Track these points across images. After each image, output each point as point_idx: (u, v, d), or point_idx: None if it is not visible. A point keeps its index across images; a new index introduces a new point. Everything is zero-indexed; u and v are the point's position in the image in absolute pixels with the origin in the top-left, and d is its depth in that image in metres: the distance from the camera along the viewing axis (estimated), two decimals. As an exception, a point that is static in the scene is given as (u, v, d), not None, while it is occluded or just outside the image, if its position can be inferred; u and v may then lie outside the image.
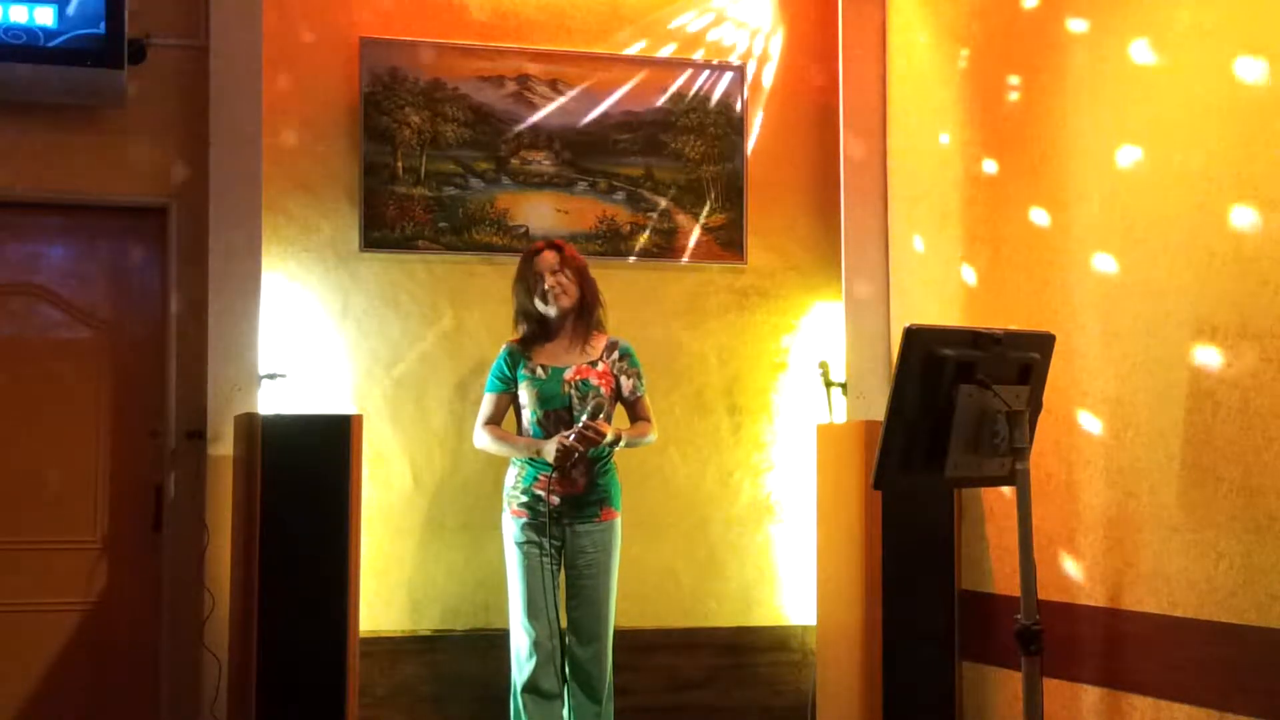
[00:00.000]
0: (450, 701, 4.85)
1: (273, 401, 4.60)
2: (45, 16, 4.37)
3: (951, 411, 3.01)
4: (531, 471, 4.25)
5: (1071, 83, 4.21)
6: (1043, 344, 3.26)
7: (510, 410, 4.37)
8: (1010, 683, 4.42)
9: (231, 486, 4.51)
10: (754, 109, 5.28)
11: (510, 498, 4.30)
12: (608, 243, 5.10)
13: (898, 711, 4.49)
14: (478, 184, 5.00)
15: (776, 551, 5.19)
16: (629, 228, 5.13)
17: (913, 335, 3.00)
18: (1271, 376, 3.47)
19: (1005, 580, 4.50)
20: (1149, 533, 3.85)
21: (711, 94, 5.22)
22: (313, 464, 4.16)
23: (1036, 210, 4.36)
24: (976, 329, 3.16)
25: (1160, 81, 3.86)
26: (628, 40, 5.17)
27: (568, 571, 4.27)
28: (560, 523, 4.23)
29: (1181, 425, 3.73)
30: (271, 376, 4.62)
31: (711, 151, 5.22)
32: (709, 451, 5.17)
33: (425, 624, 4.88)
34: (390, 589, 4.85)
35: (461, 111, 4.99)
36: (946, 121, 4.84)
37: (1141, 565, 3.88)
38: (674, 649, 5.04)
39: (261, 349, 4.63)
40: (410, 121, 4.94)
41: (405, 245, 4.93)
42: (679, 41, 5.23)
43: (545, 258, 4.33)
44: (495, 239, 5.00)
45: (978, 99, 4.69)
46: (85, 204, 4.67)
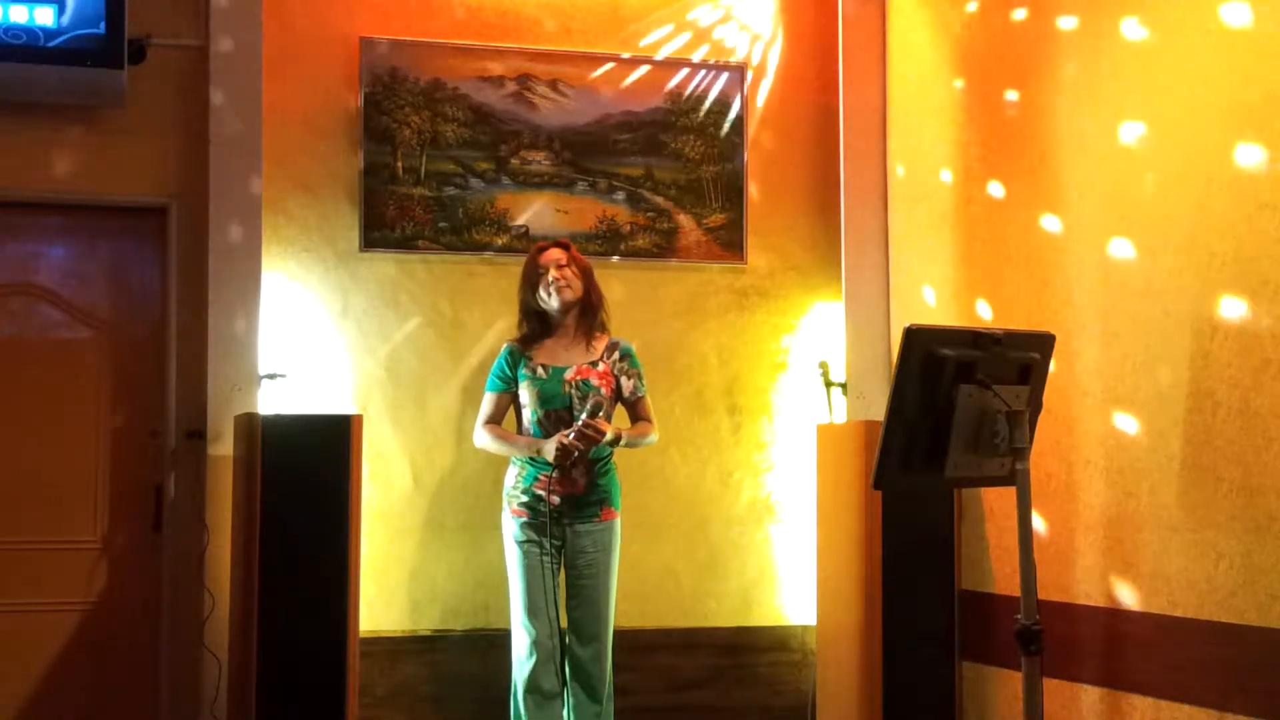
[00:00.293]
0: (450, 701, 4.85)
1: (273, 401, 4.60)
2: (45, 16, 4.37)
3: (951, 411, 3.01)
4: (532, 471, 4.25)
5: (1071, 82, 4.21)
6: (1043, 344, 3.26)
7: (511, 410, 4.38)
8: (1010, 683, 4.42)
9: (231, 486, 4.51)
10: (754, 109, 5.28)
11: (510, 497, 4.30)
12: (608, 243, 5.10)
13: (898, 711, 4.49)
14: (478, 184, 5.00)
15: (776, 551, 5.19)
16: (629, 228, 5.13)
17: (913, 335, 3.00)
18: (1271, 376, 3.47)
19: (1005, 580, 4.50)
20: (1149, 533, 3.85)
21: (711, 94, 5.23)
22: (313, 464, 4.16)
23: (1036, 210, 4.36)
24: (976, 329, 3.16)
25: (1160, 81, 3.86)
26: (628, 40, 5.17)
27: (568, 571, 4.27)
28: (560, 522, 4.23)
29: (1181, 425, 3.73)
30: (271, 376, 4.63)
31: (711, 151, 5.22)
32: (709, 451, 5.17)
33: (425, 624, 4.88)
34: (390, 589, 4.85)
35: (461, 111, 4.99)
36: (946, 122, 4.84)
37: (1141, 565, 3.88)
38: (674, 649, 5.04)
39: (261, 349, 4.63)
40: (410, 121, 4.94)
41: (405, 245, 4.93)
42: (679, 42, 5.23)
43: (552, 253, 4.35)
44: (495, 239, 5.01)
45: (977, 99, 4.69)
46: (85, 204, 4.66)
